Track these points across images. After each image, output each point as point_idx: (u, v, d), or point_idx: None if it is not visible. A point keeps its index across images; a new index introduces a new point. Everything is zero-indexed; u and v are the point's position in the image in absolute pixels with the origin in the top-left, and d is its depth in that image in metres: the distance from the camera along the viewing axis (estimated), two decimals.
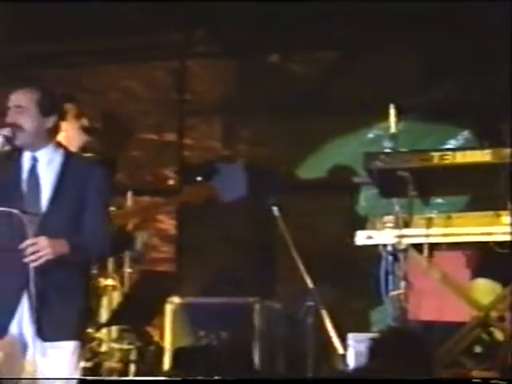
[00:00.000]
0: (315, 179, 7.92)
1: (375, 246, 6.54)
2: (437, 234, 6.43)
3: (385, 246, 6.51)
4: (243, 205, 7.41)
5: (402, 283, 6.50)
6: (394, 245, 6.48)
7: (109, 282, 7.21)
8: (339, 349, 6.03)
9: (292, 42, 8.50)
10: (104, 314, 7.19)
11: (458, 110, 7.77)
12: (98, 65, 9.02)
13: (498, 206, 6.17)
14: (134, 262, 7.51)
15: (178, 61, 8.89)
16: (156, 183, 8.82)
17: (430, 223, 6.43)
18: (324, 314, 6.08)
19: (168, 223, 8.62)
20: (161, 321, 7.48)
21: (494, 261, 6.35)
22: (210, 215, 7.77)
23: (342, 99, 8.27)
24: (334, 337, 5.86)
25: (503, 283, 6.34)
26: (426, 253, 6.39)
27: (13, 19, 8.70)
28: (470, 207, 6.84)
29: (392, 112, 6.55)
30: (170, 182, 8.66)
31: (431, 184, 6.51)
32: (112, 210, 6.59)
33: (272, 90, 8.51)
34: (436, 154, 6.44)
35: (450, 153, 6.45)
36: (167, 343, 7.40)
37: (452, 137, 7.84)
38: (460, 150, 6.62)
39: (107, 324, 7.07)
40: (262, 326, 7.15)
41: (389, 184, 6.46)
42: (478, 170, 6.29)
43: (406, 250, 6.47)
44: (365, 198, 7.31)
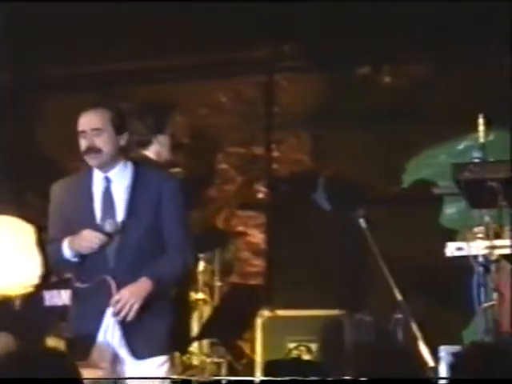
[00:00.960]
0: (404, 190, 7.83)
1: (466, 258, 6.48)
2: None
3: (475, 257, 6.44)
4: (331, 217, 7.39)
5: (494, 295, 6.41)
6: (484, 256, 6.41)
7: (199, 295, 7.27)
8: (430, 362, 5.92)
9: (382, 55, 8.48)
10: (195, 328, 7.21)
11: None
12: (187, 81, 9.03)
13: None
14: (223, 275, 7.51)
15: (265, 75, 8.91)
16: (245, 197, 8.79)
17: None
18: (414, 326, 5.97)
19: (258, 237, 8.62)
20: (251, 334, 7.48)
21: None
22: (299, 228, 7.73)
23: (433, 111, 8.21)
24: (424, 349, 5.75)
25: None
26: None
27: (103, 39, 8.79)
28: None
29: (481, 122, 6.47)
30: (259, 196, 8.60)
31: None
32: None
33: (361, 103, 8.48)
34: None
35: None
36: (258, 356, 7.39)
37: None
38: None
39: (198, 338, 7.08)
40: (353, 339, 7.13)
41: (478, 194, 6.37)
42: None
43: (497, 261, 6.39)
44: (455, 209, 7.19)
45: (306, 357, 7.06)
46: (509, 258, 6.41)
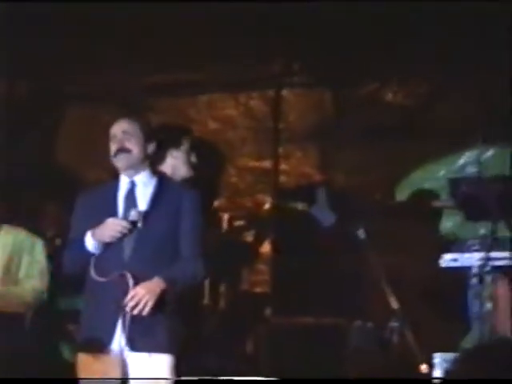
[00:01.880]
0: (403, 203, 7.87)
1: (461, 269, 6.55)
2: None
3: (470, 268, 6.52)
4: (333, 228, 7.42)
5: (489, 305, 6.49)
6: (479, 267, 6.49)
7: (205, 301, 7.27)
8: (425, 368, 6.00)
9: (385, 73, 8.54)
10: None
11: None
12: (199, 95, 9.11)
13: None
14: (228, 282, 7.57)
15: (274, 91, 8.93)
16: (253, 208, 8.85)
17: None
18: (409, 334, 6.04)
19: (264, 246, 8.63)
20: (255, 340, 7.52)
21: None
22: (303, 239, 7.78)
23: (433, 128, 8.25)
24: (419, 356, 5.84)
25: None
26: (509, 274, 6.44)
27: (123, 55, 8.85)
28: None
29: (479, 139, 6.56)
30: (266, 207, 8.66)
31: None
32: None
33: (365, 118, 8.53)
34: None
35: None
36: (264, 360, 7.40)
37: None
38: None
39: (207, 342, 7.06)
40: (354, 345, 7.16)
41: (474, 208, 6.46)
42: None
43: (491, 273, 6.47)
44: (451, 223, 7.25)
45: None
46: (503, 269, 6.51)
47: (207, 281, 7.14)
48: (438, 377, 5.76)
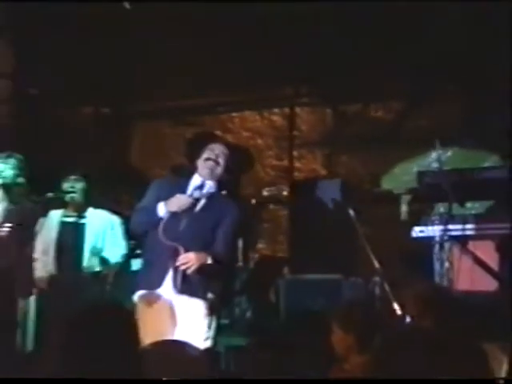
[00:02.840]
0: (386, 191, 7.90)
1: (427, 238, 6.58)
2: (470, 228, 6.48)
3: (433, 237, 6.57)
4: (333, 209, 7.46)
5: (447, 264, 6.52)
6: (440, 237, 6.53)
7: (239, 263, 7.38)
8: (398, 311, 5.98)
9: (371, 94, 8.58)
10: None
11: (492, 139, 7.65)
12: (233, 112, 9.22)
13: None
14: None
15: (289, 108, 9.01)
16: (276, 195, 8.94)
17: (465, 220, 6.48)
18: (386, 286, 6.04)
19: (284, 223, 8.74)
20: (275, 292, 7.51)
21: None
22: (311, 217, 7.83)
23: (408, 136, 8.25)
24: (395, 303, 5.82)
25: None
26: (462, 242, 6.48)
27: (175, 81, 8.85)
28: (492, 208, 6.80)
29: (437, 143, 6.58)
30: (284, 193, 8.73)
31: (465, 192, 6.51)
32: None
33: (357, 129, 8.57)
34: (468, 171, 6.52)
35: (478, 171, 6.52)
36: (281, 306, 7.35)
37: (486, 159, 7.72)
38: (486, 169, 6.65)
39: (238, 292, 7.20)
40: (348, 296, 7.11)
41: (435, 192, 6.50)
42: (497, 182, 6.31)
43: (448, 241, 6.50)
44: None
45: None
46: (457, 238, 6.56)
47: (240, 249, 7.17)
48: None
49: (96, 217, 6.48)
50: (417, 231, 6.60)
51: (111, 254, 6.49)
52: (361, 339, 4.04)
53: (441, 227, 6.48)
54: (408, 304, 4.61)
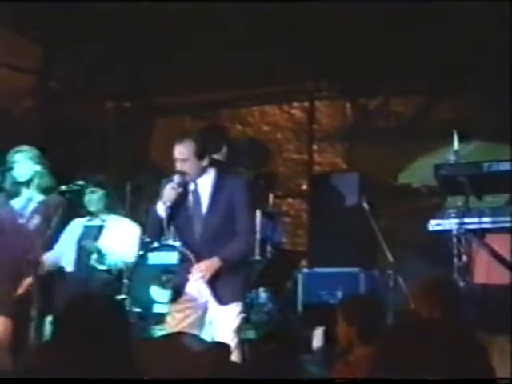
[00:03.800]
0: (405, 184, 7.88)
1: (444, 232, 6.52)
2: (487, 221, 6.39)
3: (450, 231, 6.52)
4: (349, 201, 7.44)
5: (464, 257, 6.46)
6: (457, 230, 6.47)
7: (257, 257, 7.34)
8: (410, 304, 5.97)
9: (392, 88, 8.57)
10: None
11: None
12: (254, 106, 9.24)
13: None
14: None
15: (309, 102, 9.03)
16: (295, 188, 8.96)
17: (482, 214, 6.40)
18: (400, 280, 6.01)
19: (302, 216, 8.73)
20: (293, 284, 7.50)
21: None
22: (329, 210, 7.84)
23: (429, 130, 8.22)
24: (406, 293, 5.83)
25: None
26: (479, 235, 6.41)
27: (196, 77, 8.90)
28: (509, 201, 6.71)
29: (455, 135, 6.54)
30: (304, 187, 8.76)
31: (482, 185, 6.42)
32: None
33: (377, 123, 8.58)
34: (485, 163, 6.47)
35: (495, 163, 6.46)
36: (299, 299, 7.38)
37: (507, 153, 7.61)
38: (502, 161, 6.57)
39: (256, 285, 7.03)
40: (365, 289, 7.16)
41: (452, 185, 6.45)
42: None
43: (465, 234, 6.45)
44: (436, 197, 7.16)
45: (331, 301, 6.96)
46: (474, 231, 6.49)
47: (257, 242, 7.15)
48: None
49: (117, 224, 6.40)
50: (433, 224, 6.46)
51: (125, 259, 6.40)
52: (363, 332, 4.03)
53: (457, 220, 6.34)
54: (418, 296, 4.58)
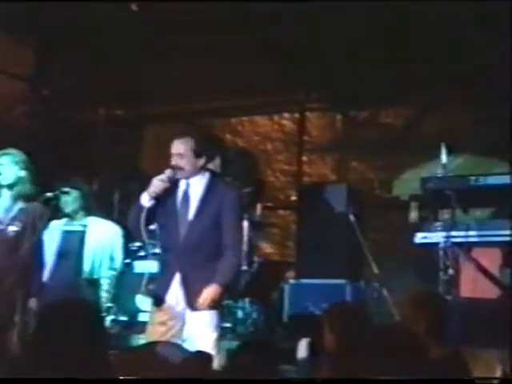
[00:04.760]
0: (393, 197, 7.85)
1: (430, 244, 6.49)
2: (473, 235, 6.37)
3: (437, 243, 6.50)
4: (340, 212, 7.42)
5: (450, 270, 6.45)
6: (443, 243, 6.45)
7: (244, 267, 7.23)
8: (395, 315, 5.97)
9: (382, 100, 8.56)
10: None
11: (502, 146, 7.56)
12: (245, 116, 9.22)
13: None
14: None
15: (299, 113, 9.00)
16: (284, 199, 8.95)
17: (468, 227, 6.37)
18: (385, 291, 5.99)
19: (291, 228, 8.70)
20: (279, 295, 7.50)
21: None
22: (317, 222, 7.80)
23: (418, 142, 8.20)
24: (391, 306, 5.82)
25: None
26: (465, 249, 6.40)
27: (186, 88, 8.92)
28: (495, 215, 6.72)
29: (443, 148, 6.52)
30: (293, 198, 8.74)
31: (469, 198, 6.43)
32: None
33: (366, 135, 8.55)
34: (472, 177, 6.46)
35: (482, 177, 6.46)
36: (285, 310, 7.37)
37: (496, 166, 7.62)
38: (490, 175, 6.56)
39: (242, 296, 7.06)
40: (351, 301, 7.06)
41: (439, 199, 6.44)
42: (501, 188, 6.25)
43: (451, 247, 6.42)
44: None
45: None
46: (460, 245, 6.47)
47: (244, 254, 7.09)
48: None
49: (97, 226, 6.35)
50: (420, 237, 6.50)
51: (110, 263, 6.38)
52: (343, 339, 4.04)
53: (444, 233, 6.35)
54: (404, 308, 4.59)
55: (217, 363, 4.94)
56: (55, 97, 9.00)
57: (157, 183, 5.08)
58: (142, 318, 6.69)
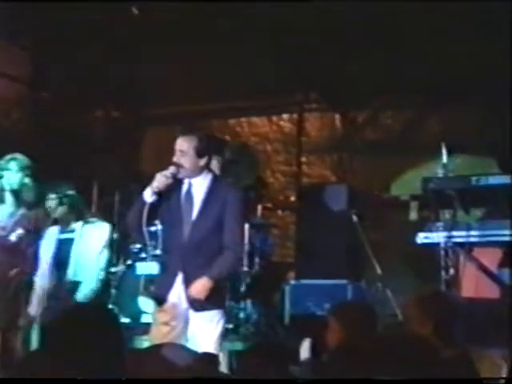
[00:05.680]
0: (393, 197, 7.86)
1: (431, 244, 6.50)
2: (475, 235, 6.37)
3: (438, 244, 6.50)
4: (340, 213, 7.42)
5: (451, 270, 6.46)
6: (444, 243, 6.46)
7: (245, 268, 7.21)
8: (399, 315, 5.99)
9: (381, 100, 8.57)
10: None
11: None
12: (244, 118, 9.23)
13: None
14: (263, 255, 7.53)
15: (298, 114, 9.02)
16: (283, 201, 8.94)
17: (470, 227, 6.36)
18: (388, 292, 5.99)
19: (290, 228, 8.71)
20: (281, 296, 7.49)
21: None
22: (317, 222, 7.82)
23: (418, 142, 8.24)
24: (394, 306, 5.82)
25: None
26: (466, 248, 6.41)
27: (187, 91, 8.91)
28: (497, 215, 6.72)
29: (444, 148, 6.54)
30: (292, 199, 8.74)
31: (470, 198, 6.41)
32: None
33: (366, 136, 8.57)
34: (473, 177, 6.47)
35: (483, 177, 6.46)
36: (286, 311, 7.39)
37: (495, 167, 7.62)
38: (490, 175, 6.57)
39: (243, 297, 7.05)
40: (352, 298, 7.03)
41: (440, 199, 6.45)
42: (502, 188, 6.23)
43: (452, 247, 6.44)
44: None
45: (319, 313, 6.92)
46: (461, 245, 6.48)
47: (245, 254, 7.12)
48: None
49: (90, 230, 6.19)
50: (422, 237, 6.43)
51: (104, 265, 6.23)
52: (350, 337, 4.04)
53: (445, 233, 6.32)
54: (410, 309, 4.59)
55: (223, 366, 4.98)
56: (53, 99, 8.98)
57: (160, 178, 5.06)
58: (144, 319, 6.67)
